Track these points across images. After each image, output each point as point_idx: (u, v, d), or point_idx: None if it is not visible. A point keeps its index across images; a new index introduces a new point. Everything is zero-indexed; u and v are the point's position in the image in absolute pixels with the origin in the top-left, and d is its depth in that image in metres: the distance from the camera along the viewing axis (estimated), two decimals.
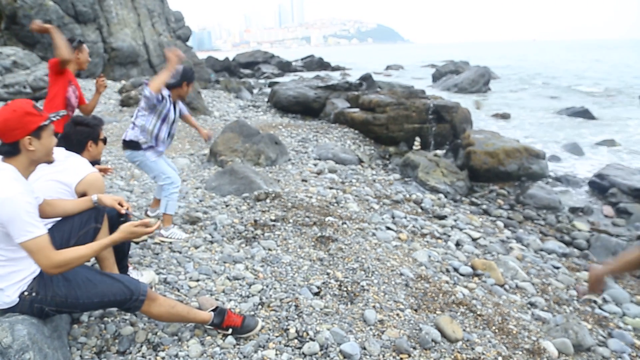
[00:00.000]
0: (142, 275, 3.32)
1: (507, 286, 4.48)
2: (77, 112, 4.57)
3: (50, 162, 2.39)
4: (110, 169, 3.55)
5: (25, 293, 2.27)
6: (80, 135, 3.09)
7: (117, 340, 2.70)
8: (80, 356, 2.55)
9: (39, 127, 2.21)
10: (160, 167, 4.28)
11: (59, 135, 2.96)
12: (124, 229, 2.35)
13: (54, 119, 2.29)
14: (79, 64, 4.57)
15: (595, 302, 4.44)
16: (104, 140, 3.30)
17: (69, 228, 2.62)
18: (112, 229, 2.83)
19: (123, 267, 3.12)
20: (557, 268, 5.20)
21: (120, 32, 20.74)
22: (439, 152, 10.27)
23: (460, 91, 23.67)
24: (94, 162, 3.32)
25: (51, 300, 2.31)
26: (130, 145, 4.20)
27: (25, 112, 2.16)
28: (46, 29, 4.21)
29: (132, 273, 3.27)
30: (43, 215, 2.60)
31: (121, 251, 3.02)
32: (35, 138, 2.21)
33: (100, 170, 3.49)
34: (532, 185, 8.37)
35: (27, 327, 2.22)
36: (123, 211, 2.70)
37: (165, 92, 4.10)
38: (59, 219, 2.73)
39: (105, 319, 2.87)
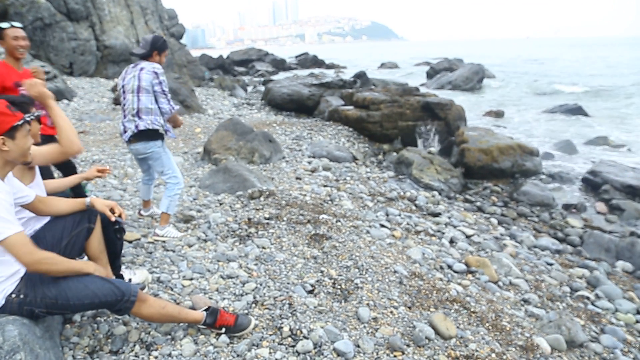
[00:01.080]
0: (135, 274, 3.30)
1: (500, 283, 4.49)
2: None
3: (27, 163, 2.37)
4: (108, 169, 3.50)
5: (13, 295, 2.25)
6: None
7: (109, 340, 2.68)
8: (73, 356, 2.54)
9: (12, 128, 2.19)
10: (172, 164, 4.24)
11: None
12: None
13: (28, 119, 2.25)
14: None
15: (588, 298, 4.46)
16: (38, 119, 3.03)
17: (61, 228, 2.60)
18: (105, 230, 2.82)
19: (116, 267, 3.09)
20: (551, 265, 5.23)
21: (113, 30, 20.61)
22: (433, 149, 10.28)
23: (454, 89, 23.72)
24: (36, 144, 2.97)
25: (41, 302, 2.29)
26: (148, 134, 4.01)
27: None
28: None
29: (125, 272, 3.25)
30: (36, 212, 2.59)
31: (113, 252, 2.99)
32: (9, 138, 2.20)
33: (99, 170, 3.40)
34: (526, 182, 8.40)
35: (18, 328, 2.20)
36: (113, 218, 2.66)
37: (153, 68, 3.99)
38: (48, 218, 2.71)
39: (98, 318, 2.85)
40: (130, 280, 3.21)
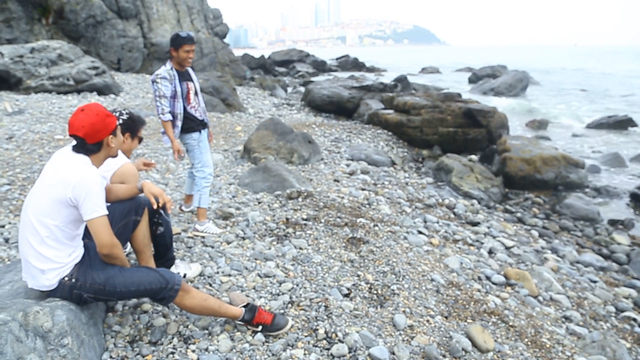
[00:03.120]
0: (191, 268, 3.39)
1: (540, 298, 4.36)
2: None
3: (115, 156, 2.62)
4: (154, 163, 3.62)
5: (66, 279, 2.37)
6: (122, 125, 3.09)
7: (149, 331, 2.75)
8: (114, 344, 2.61)
9: (116, 126, 2.48)
10: (203, 158, 4.36)
11: None
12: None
13: (125, 117, 2.62)
14: None
15: (635, 320, 4.27)
16: (140, 139, 3.44)
17: (110, 219, 2.67)
18: (151, 221, 2.90)
19: (169, 259, 3.18)
20: (594, 282, 5.03)
21: (160, 28, 21.20)
22: (473, 157, 10.09)
23: (497, 95, 23.20)
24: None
25: (90, 287, 2.39)
26: (184, 128, 4.25)
27: (105, 115, 2.42)
28: None
29: (180, 266, 3.33)
30: (106, 199, 2.75)
31: (164, 244, 3.07)
32: (114, 136, 2.48)
33: (145, 164, 3.57)
34: (570, 195, 8.12)
35: (66, 313, 2.29)
36: (155, 206, 2.74)
37: (164, 71, 4.05)
38: None
39: (139, 309, 2.93)
40: (185, 275, 3.30)
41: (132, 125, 3.23)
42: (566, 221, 7.08)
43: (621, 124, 15.47)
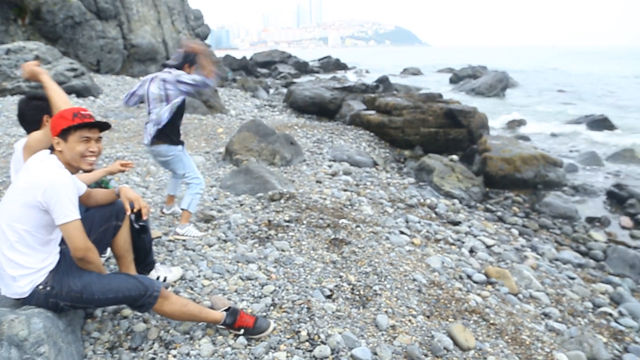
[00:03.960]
0: (171, 271, 3.35)
1: (520, 295, 4.42)
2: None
3: (86, 170, 2.50)
4: (131, 163, 3.56)
5: (40, 287, 2.31)
6: (34, 110, 2.98)
7: (129, 337, 2.72)
8: (93, 351, 2.58)
9: (63, 130, 2.34)
10: (191, 165, 4.40)
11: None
12: None
13: (78, 125, 2.34)
14: None
15: (611, 315, 4.36)
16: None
17: (89, 224, 2.63)
18: (132, 228, 2.87)
19: (149, 264, 3.13)
20: (573, 279, 5.13)
21: (140, 29, 20.95)
22: (454, 157, 10.20)
23: (478, 96, 23.48)
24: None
25: (66, 296, 2.34)
26: (166, 139, 4.23)
27: (59, 115, 2.35)
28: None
29: (160, 269, 3.29)
30: (83, 203, 2.69)
31: (143, 249, 3.03)
32: (62, 140, 2.36)
33: (122, 165, 3.48)
34: (549, 193, 8.27)
35: (43, 321, 2.24)
36: (128, 212, 2.68)
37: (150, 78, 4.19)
38: None
39: (119, 314, 2.89)
40: (165, 279, 3.26)
41: (46, 105, 2.89)
42: (545, 219, 7.20)
43: (598, 124, 15.80)
